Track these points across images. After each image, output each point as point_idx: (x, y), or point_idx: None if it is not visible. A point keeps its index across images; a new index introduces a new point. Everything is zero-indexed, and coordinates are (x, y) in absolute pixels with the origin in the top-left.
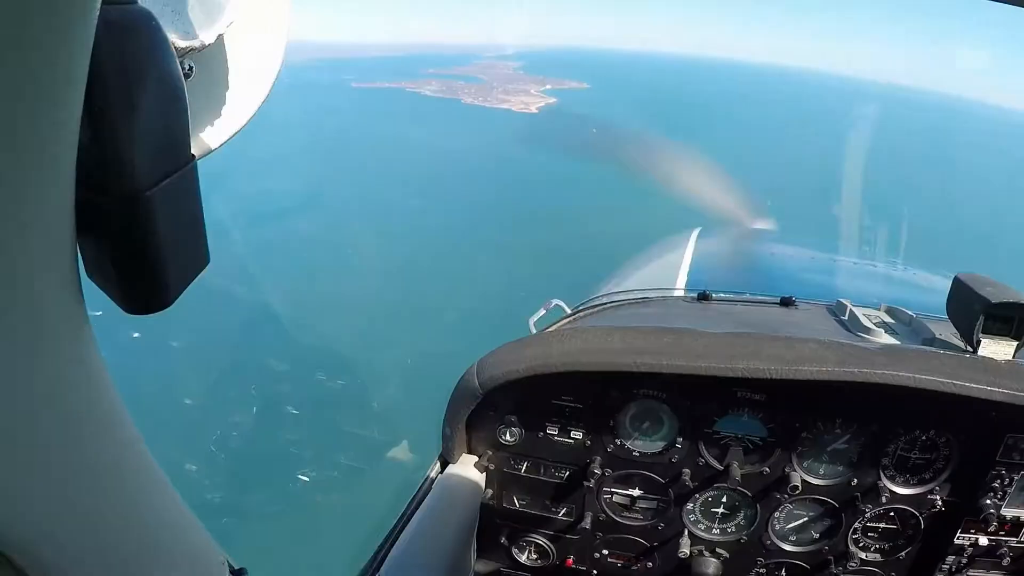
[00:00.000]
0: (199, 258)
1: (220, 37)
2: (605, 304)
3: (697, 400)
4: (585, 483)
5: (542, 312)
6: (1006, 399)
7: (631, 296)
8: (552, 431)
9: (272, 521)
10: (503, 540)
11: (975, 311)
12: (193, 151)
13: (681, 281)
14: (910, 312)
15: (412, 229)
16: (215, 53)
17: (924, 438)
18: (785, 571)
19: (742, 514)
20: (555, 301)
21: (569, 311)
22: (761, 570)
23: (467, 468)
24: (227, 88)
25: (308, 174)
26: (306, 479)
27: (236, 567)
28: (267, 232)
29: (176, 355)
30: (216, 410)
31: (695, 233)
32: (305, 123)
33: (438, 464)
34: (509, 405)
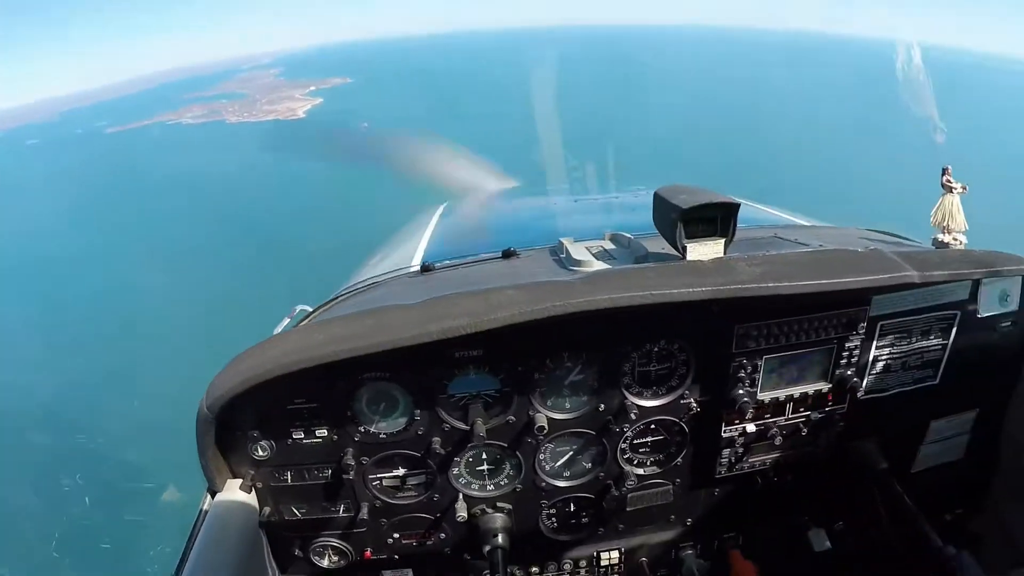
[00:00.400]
0: None
1: None
2: (338, 298)
3: (419, 371)
4: (345, 477)
5: (286, 321)
6: (711, 295)
7: (364, 283)
8: (298, 435)
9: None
10: (297, 552)
11: (673, 220)
12: None
13: (418, 259)
14: (629, 235)
15: (154, 265)
16: None
17: (656, 349)
18: (573, 506)
19: (507, 465)
20: (299, 307)
21: (310, 311)
22: (550, 511)
23: (236, 493)
24: None
25: (47, 242)
26: (106, 546)
27: None
28: None
29: None
30: None
31: (439, 209)
32: (51, 186)
33: (208, 496)
34: (249, 421)
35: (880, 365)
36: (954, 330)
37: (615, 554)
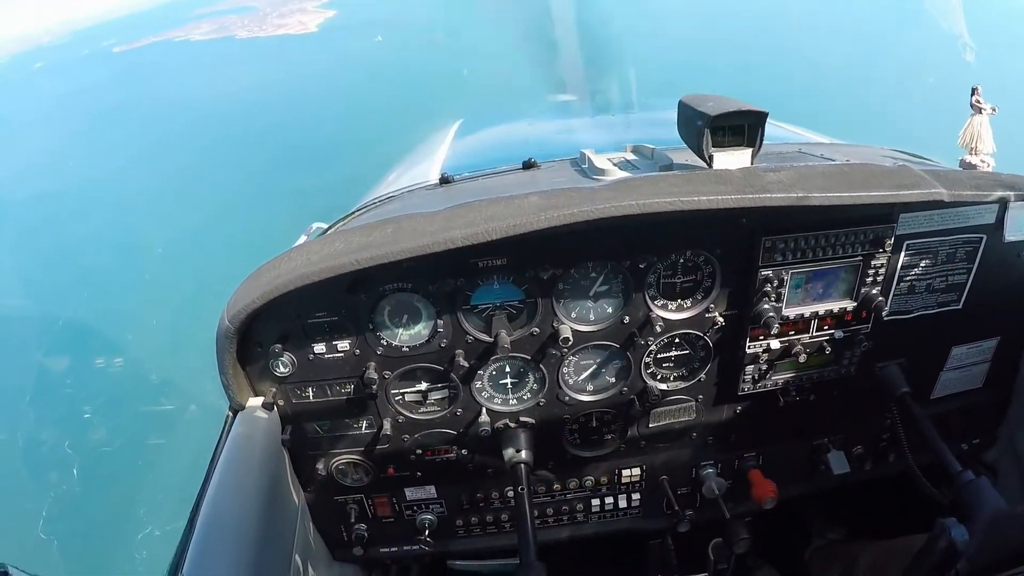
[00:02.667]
0: None
1: None
2: (355, 213)
3: (441, 280)
4: (368, 391)
5: (303, 238)
6: (739, 204)
7: (380, 198)
8: (320, 349)
9: (80, 506)
10: (321, 471)
11: (700, 127)
12: None
13: (435, 173)
14: (652, 146)
15: (166, 188)
16: None
17: (682, 260)
18: (595, 420)
19: (531, 378)
20: (315, 224)
21: (326, 228)
22: (573, 426)
23: (257, 411)
24: None
25: (64, 159)
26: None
27: None
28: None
29: None
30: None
31: (455, 125)
32: (58, 109)
33: (230, 415)
34: (271, 336)
35: (905, 286)
36: (979, 254)
37: (636, 471)
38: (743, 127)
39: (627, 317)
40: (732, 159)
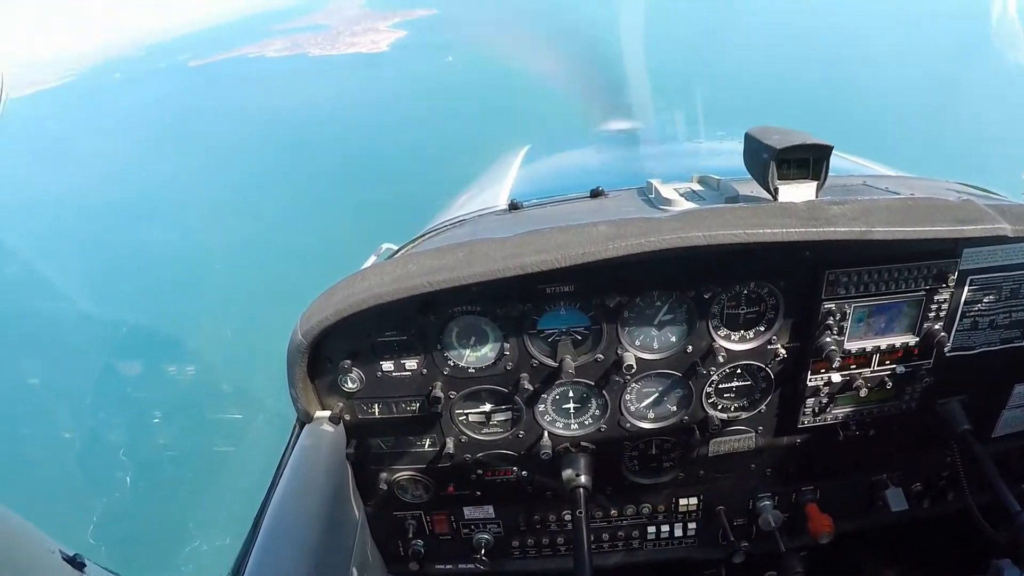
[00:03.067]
0: None
1: None
2: (425, 236)
3: (509, 305)
4: (433, 410)
5: (373, 258)
6: (804, 237)
7: (450, 222)
8: (388, 367)
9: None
10: (383, 486)
11: (765, 160)
12: None
13: (503, 198)
14: (718, 177)
15: (238, 202)
16: None
17: (746, 292)
18: (655, 448)
19: (593, 404)
20: (385, 245)
21: (396, 249)
22: (633, 453)
23: (324, 424)
24: None
25: (136, 170)
26: (191, 476)
27: (70, 554)
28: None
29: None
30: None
31: (523, 151)
32: (140, 117)
33: (298, 427)
34: (341, 352)
35: (968, 321)
36: None
37: (693, 500)
38: (808, 160)
39: (690, 346)
40: (797, 192)
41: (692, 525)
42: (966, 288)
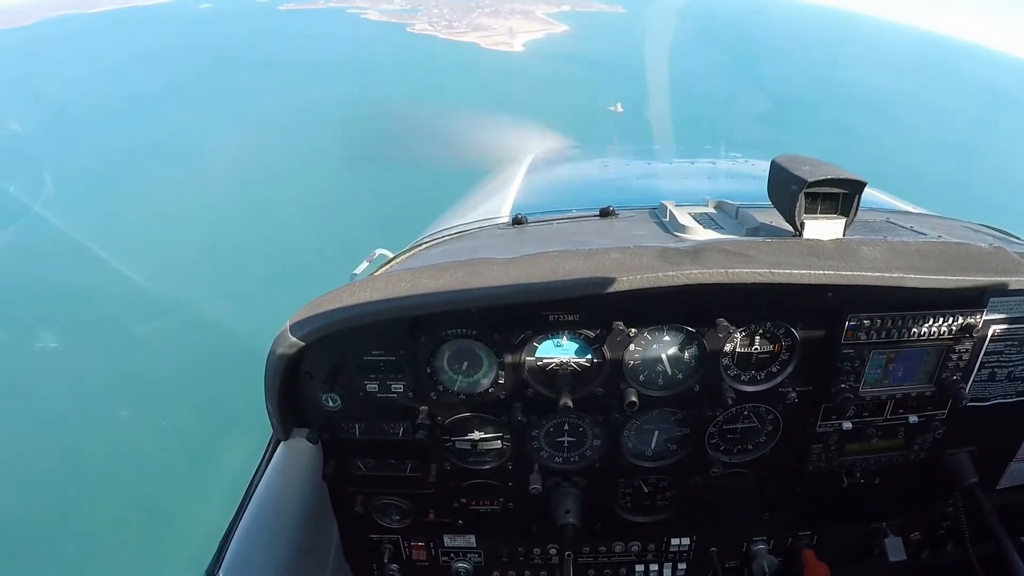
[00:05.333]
0: None
1: None
2: (421, 245)
3: (508, 330)
4: (418, 435)
5: (365, 264)
6: (833, 280)
7: (449, 232)
8: (372, 387)
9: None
10: (359, 508)
11: (793, 192)
12: None
13: (506, 210)
14: (735, 203)
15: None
16: None
17: (761, 331)
18: (651, 488)
19: (589, 438)
20: (379, 250)
21: (391, 256)
22: (627, 490)
23: (301, 443)
24: None
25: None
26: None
27: None
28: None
29: None
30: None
31: (528, 160)
32: (212, 53)
33: (273, 444)
34: (323, 369)
35: (986, 372)
36: None
37: (685, 540)
38: (837, 195)
39: (697, 385)
40: (825, 228)
41: (682, 566)
42: (987, 339)
